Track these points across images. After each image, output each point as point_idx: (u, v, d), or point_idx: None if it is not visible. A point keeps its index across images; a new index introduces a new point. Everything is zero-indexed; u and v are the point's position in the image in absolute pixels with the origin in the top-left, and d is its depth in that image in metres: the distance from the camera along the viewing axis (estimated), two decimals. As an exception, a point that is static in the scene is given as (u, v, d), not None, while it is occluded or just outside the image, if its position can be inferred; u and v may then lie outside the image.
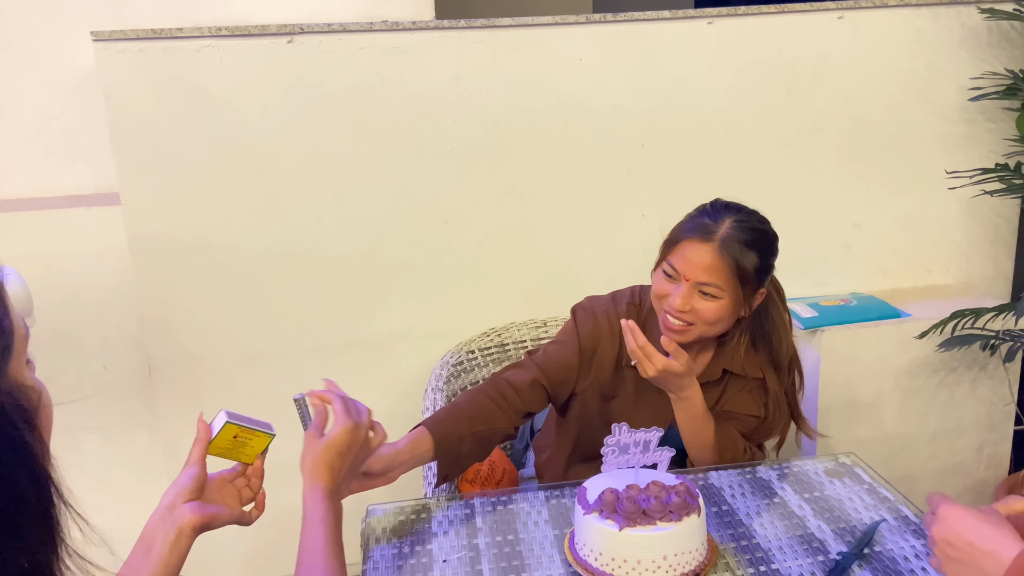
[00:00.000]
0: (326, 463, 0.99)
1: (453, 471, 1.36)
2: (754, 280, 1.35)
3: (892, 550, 1.14)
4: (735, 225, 1.34)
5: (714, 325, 1.35)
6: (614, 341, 1.45)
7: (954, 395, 2.11)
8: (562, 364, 1.45)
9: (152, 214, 1.88)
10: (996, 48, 2.12)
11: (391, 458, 1.24)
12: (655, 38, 1.98)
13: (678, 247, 1.36)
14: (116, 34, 1.78)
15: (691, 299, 1.33)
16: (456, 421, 1.35)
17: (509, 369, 1.47)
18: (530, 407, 1.43)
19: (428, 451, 1.30)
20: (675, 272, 1.35)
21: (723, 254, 1.31)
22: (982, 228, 2.24)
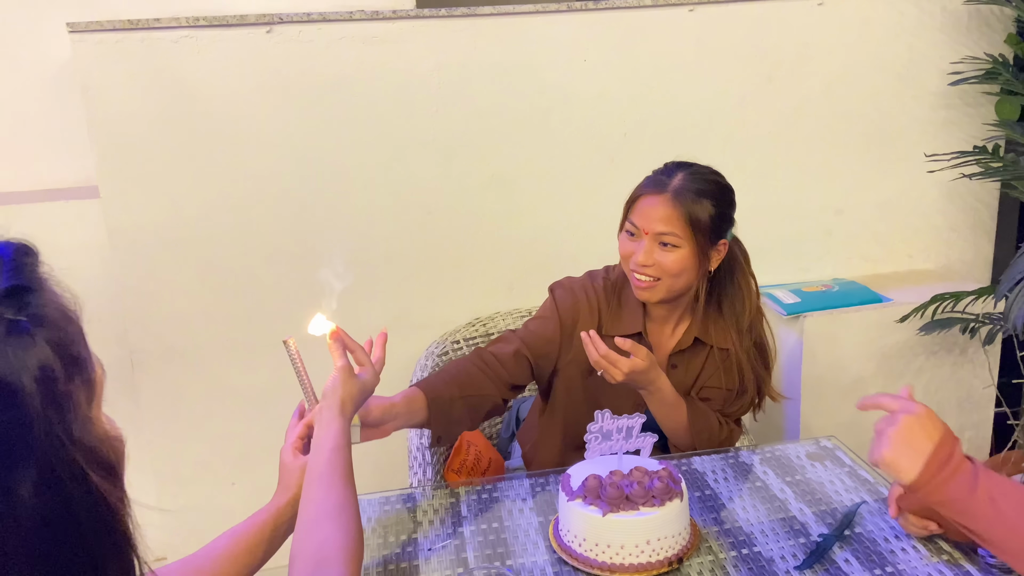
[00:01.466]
0: (356, 402, 1.08)
1: (446, 433, 1.38)
2: (711, 229, 1.38)
3: (872, 531, 1.15)
4: (687, 177, 1.39)
5: (678, 277, 1.37)
6: (592, 314, 1.47)
7: (935, 378, 2.13)
8: (544, 338, 1.47)
9: (132, 207, 1.87)
10: (976, 33, 2.13)
11: (386, 410, 1.25)
12: (637, 26, 1.98)
13: (635, 204, 1.41)
14: (93, 25, 1.76)
15: (653, 252, 1.36)
16: (447, 384, 1.37)
17: (493, 344, 1.49)
18: (515, 378, 1.44)
19: (421, 409, 1.32)
20: (636, 228, 1.39)
21: (676, 203, 1.36)
22: (962, 213, 2.26)
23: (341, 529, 0.86)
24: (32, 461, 0.45)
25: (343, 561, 0.81)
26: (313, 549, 0.83)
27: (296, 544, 0.86)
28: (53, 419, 0.46)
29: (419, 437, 1.62)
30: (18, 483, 0.44)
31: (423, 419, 1.33)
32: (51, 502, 0.45)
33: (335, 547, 0.83)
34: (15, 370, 0.45)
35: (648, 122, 2.04)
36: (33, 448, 0.45)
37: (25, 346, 0.46)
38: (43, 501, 0.45)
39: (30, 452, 0.45)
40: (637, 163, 2.06)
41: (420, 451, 1.60)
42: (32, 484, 0.44)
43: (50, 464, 0.45)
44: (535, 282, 2.09)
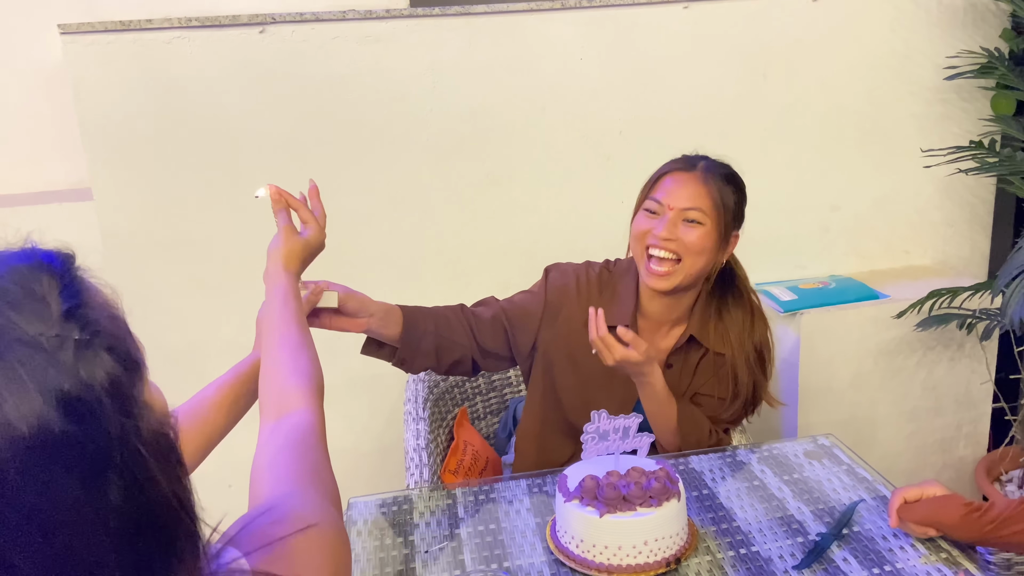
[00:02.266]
0: (300, 257, 1.12)
1: (409, 359, 1.41)
2: (731, 216, 1.40)
3: (871, 530, 1.15)
4: (713, 162, 1.43)
5: (699, 256, 1.36)
6: (580, 301, 1.47)
7: (933, 374, 2.13)
8: (525, 311, 1.47)
9: (125, 209, 1.86)
10: (971, 27, 2.12)
11: (363, 303, 1.32)
12: (631, 23, 1.97)
13: (660, 182, 1.41)
14: (84, 27, 1.75)
15: (676, 228, 1.36)
16: (424, 317, 1.42)
17: (476, 304, 1.51)
18: (486, 342, 1.45)
19: (396, 324, 1.37)
20: (659, 205, 1.38)
21: (706, 180, 1.38)
22: (958, 208, 2.26)
23: (298, 371, 0.90)
24: (114, 470, 0.46)
25: (303, 398, 0.86)
26: (276, 393, 0.88)
27: (261, 391, 0.91)
28: (125, 423, 0.48)
29: (415, 438, 1.61)
30: (107, 494, 0.46)
31: (395, 334, 1.37)
32: (134, 500, 0.47)
33: (295, 387, 0.87)
34: (90, 387, 0.46)
35: (643, 119, 2.03)
36: (112, 454, 0.46)
37: (92, 362, 0.47)
38: (128, 502, 0.47)
39: (111, 458, 0.46)
40: (633, 160, 2.06)
41: (417, 452, 1.60)
42: (119, 491, 0.46)
43: (128, 468, 0.47)
44: (531, 280, 2.08)
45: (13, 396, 0.44)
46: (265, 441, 0.81)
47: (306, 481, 0.73)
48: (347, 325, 1.31)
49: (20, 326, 0.46)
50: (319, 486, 0.73)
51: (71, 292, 0.49)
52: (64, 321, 0.47)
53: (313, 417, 0.84)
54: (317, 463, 0.77)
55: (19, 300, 0.47)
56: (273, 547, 0.59)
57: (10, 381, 0.44)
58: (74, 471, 0.45)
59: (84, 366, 0.47)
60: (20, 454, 0.43)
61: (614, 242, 2.09)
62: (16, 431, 0.43)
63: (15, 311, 0.46)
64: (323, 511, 0.68)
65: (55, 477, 0.44)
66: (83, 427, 0.45)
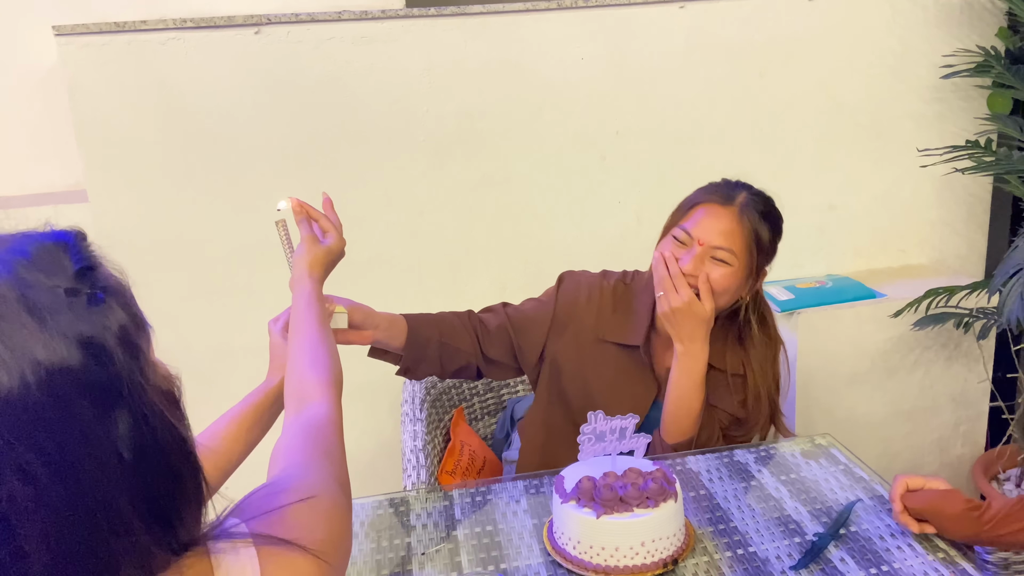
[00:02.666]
0: (323, 263, 1.17)
1: (413, 367, 1.40)
2: (764, 255, 1.36)
3: (868, 529, 1.15)
4: (752, 196, 1.36)
5: (721, 295, 1.33)
6: (590, 314, 1.44)
7: (930, 373, 2.13)
8: (532, 319, 1.45)
9: (120, 211, 1.86)
10: (967, 26, 2.12)
11: (368, 315, 1.32)
12: (627, 23, 1.97)
13: (692, 212, 1.36)
14: (79, 28, 1.74)
15: (702, 264, 1.31)
16: (429, 324, 1.40)
17: (484, 310, 1.49)
18: (490, 351, 1.43)
19: (401, 334, 1.36)
20: (688, 237, 1.33)
21: (743, 219, 1.32)
22: (955, 207, 2.26)
23: (316, 365, 0.96)
24: (124, 404, 0.55)
25: (321, 391, 0.91)
26: (296, 387, 0.93)
27: (286, 387, 0.96)
28: (133, 368, 0.57)
29: (413, 439, 1.61)
30: (117, 424, 0.54)
31: (399, 344, 1.37)
32: (142, 435, 0.56)
33: (313, 380, 0.93)
34: (102, 333, 0.55)
35: (639, 119, 2.03)
36: (123, 394, 0.55)
37: (104, 312, 0.56)
38: (136, 435, 0.55)
39: (121, 398, 0.55)
40: (629, 160, 2.07)
41: (414, 453, 1.59)
42: (127, 423, 0.55)
43: (136, 404, 0.56)
44: (528, 280, 2.09)
45: (41, 334, 0.53)
46: (286, 430, 0.86)
47: (314, 461, 0.78)
48: (353, 338, 1.31)
49: (41, 280, 0.55)
50: (327, 467, 0.77)
51: (81, 257, 0.59)
52: (77, 278, 0.57)
53: (330, 408, 0.89)
54: (328, 448, 0.81)
55: (39, 261, 0.57)
56: (272, 513, 0.65)
57: (39, 321, 0.53)
58: (88, 398, 0.53)
59: (96, 314, 0.56)
60: (43, 380, 0.52)
61: (610, 242, 2.10)
62: (42, 363, 0.52)
63: (37, 269, 0.56)
64: (325, 486, 0.72)
65: (72, 402, 0.53)
66: (98, 365, 0.54)
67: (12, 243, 0.59)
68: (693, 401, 1.37)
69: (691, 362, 1.34)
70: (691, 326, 1.32)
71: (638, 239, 2.11)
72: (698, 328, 1.32)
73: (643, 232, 2.10)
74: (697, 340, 1.33)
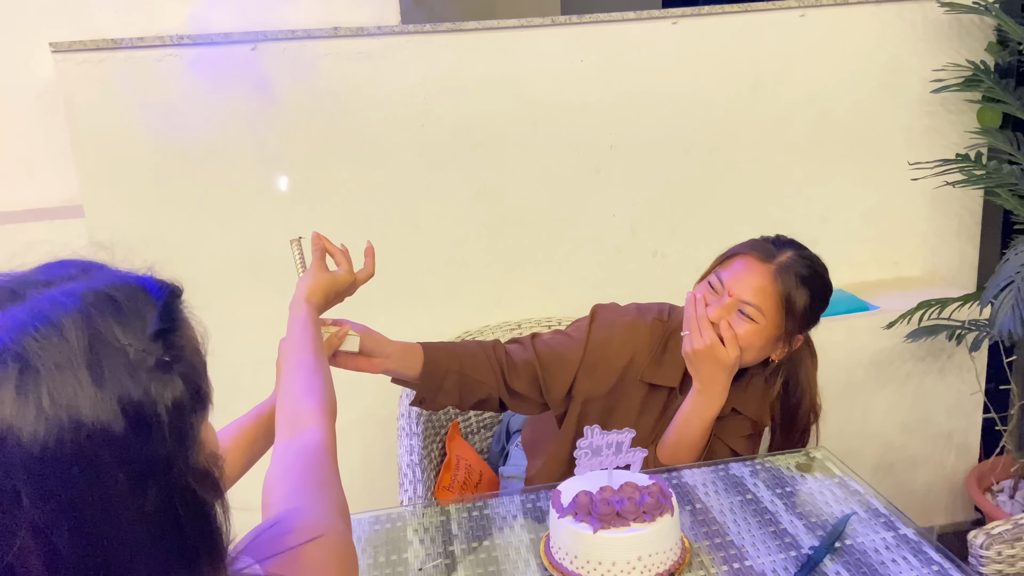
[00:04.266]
0: (324, 291, 1.16)
1: (430, 398, 1.37)
2: (798, 320, 1.33)
3: (863, 543, 1.16)
4: (797, 258, 1.34)
5: (745, 351, 1.31)
6: (624, 351, 1.41)
7: (923, 385, 2.14)
8: (562, 357, 1.41)
9: (116, 226, 1.86)
10: (956, 41, 2.15)
11: (379, 343, 1.29)
12: (621, 39, 1.99)
13: (731, 261, 1.35)
14: (76, 45, 1.75)
15: (729, 315, 1.30)
16: (449, 355, 1.37)
17: (511, 342, 1.45)
18: (515, 385, 1.40)
19: (416, 364, 1.33)
20: (720, 285, 1.33)
21: (777, 280, 1.30)
22: (947, 219, 2.28)
23: (310, 392, 0.95)
24: (157, 483, 0.52)
25: (315, 417, 0.90)
26: (290, 412, 0.93)
27: (277, 411, 0.96)
28: (177, 447, 0.54)
29: (409, 454, 1.61)
30: (144, 500, 0.52)
31: (415, 374, 1.34)
32: (165, 514, 0.53)
33: (307, 407, 0.92)
34: (155, 403, 0.52)
35: (634, 133, 2.05)
36: (158, 472, 0.52)
37: (165, 383, 0.53)
38: (160, 513, 0.53)
39: (156, 474, 0.52)
40: (623, 174, 2.08)
41: (411, 468, 1.60)
42: (153, 502, 0.52)
43: (170, 484, 0.53)
44: (524, 294, 2.10)
45: (92, 390, 0.50)
46: (278, 457, 0.85)
47: (315, 494, 0.77)
48: (363, 366, 1.29)
49: (116, 333, 0.52)
50: (327, 499, 0.77)
51: (166, 318, 0.56)
52: (152, 340, 0.54)
53: (324, 435, 0.88)
54: (326, 478, 0.80)
55: (122, 311, 0.54)
56: (285, 554, 0.64)
57: (95, 377, 0.50)
58: (123, 470, 0.51)
59: (156, 384, 0.53)
60: (80, 441, 0.49)
61: (605, 255, 2.11)
62: (84, 424, 0.49)
63: (116, 320, 0.53)
64: (330, 522, 0.72)
65: (105, 468, 0.50)
66: (139, 437, 0.51)
67: (102, 278, 0.55)
68: (697, 439, 1.38)
69: (705, 405, 1.34)
70: (711, 370, 1.31)
71: (633, 251, 2.13)
72: (718, 373, 1.31)
73: (638, 245, 2.12)
74: (716, 385, 1.31)
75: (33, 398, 0.48)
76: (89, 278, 0.55)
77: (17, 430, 0.48)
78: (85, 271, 0.56)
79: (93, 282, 0.54)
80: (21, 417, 0.48)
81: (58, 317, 0.51)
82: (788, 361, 1.42)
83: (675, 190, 2.11)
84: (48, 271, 0.55)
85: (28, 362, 0.49)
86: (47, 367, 0.49)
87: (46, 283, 0.53)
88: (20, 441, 0.48)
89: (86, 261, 0.57)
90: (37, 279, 0.54)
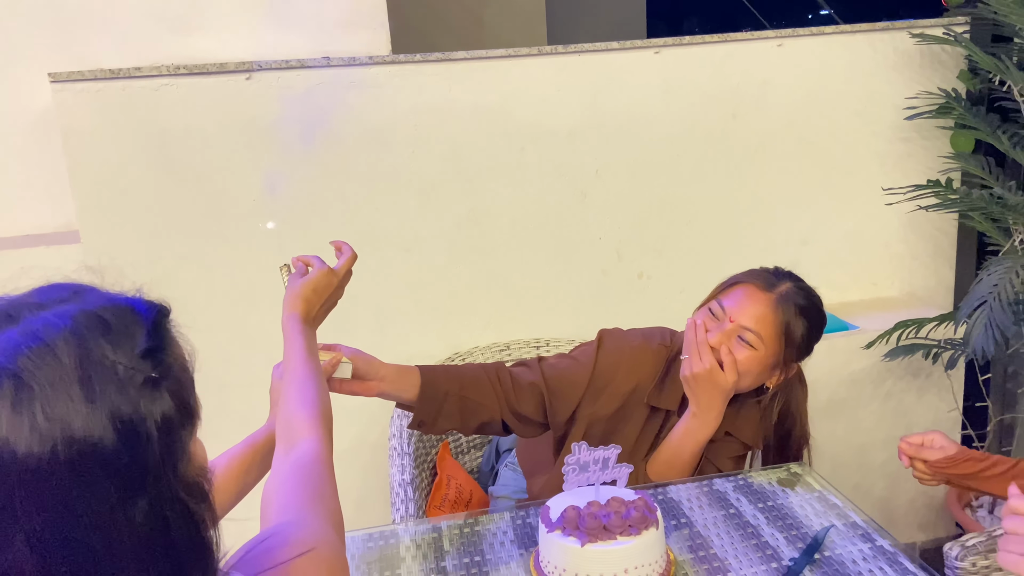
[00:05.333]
0: (303, 296, 1.16)
1: (429, 421, 1.37)
2: (795, 348, 1.38)
3: (841, 554, 1.20)
4: (796, 289, 1.39)
5: (742, 377, 1.35)
6: (631, 377, 1.44)
7: (902, 403, 2.19)
8: (568, 381, 1.43)
9: (112, 252, 1.89)
10: (928, 69, 2.23)
11: (371, 365, 1.30)
12: (605, 68, 2.05)
13: (732, 289, 1.40)
14: (74, 75, 1.79)
15: (729, 341, 1.34)
16: (448, 378, 1.37)
17: (516, 364, 1.47)
18: (521, 407, 1.41)
19: (413, 387, 1.33)
20: (722, 312, 1.37)
21: (777, 309, 1.35)
22: (923, 242, 2.34)
23: (304, 402, 0.96)
24: (147, 494, 0.54)
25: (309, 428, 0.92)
26: (285, 425, 0.94)
27: (276, 424, 0.98)
28: (166, 460, 0.56)
29: (401, 473, 1.64)
30: (134, 510, 0.54)
31: (411, 397, 1.34)
32: (155, 525, 0.55)
33: (302, 418, 0.94)
34: (145, 419, 0.55)
35: (618, 159, 2.11)
36: (147, 484, 0.54)
37: (154, 399, 0.56)
38: (149, 524, 0.54)
39: (145, 487, 0.54)
40: (608, 198, 2.14)
41: (402, 487, 1.63)
42: (143, 512, 0.54)
43: (159, 496, 0.55)
44: (512, 316, 2.14)
45: (84, 407, 0.52)
46: (275, 470, 0.87)
47: (308, 507, 0.78)
48: (357, 389, 1.29)
49: (106, 352, 0.55)
50: (321, 511, 0.78)
51: (154, 337, 0.58)
52: (141, 358, 0.56)
53: (319, 446, 0.89)
54: (321, 489, 0.82)
55: (112, 331, 0.56)
56: (276, 569, 0.65)
57: (87, 394, 0.53)
58: (113, 482, 0.53)
59: (146, 400, 0.55)
60: (73, 456, 0.51)
61: (591, 276, 2.16)
62: (76, 439, 0.52)
63: (106, 339, 0.55)
64: (323, 535, 0.73)
65: (96, 482, 0.52)
66: (129, 451, 0.54)
67: (92, 300, 0.58)
68: (688, 460, 1.42)
69: (700, 427, 1.38)
70: (709, 394, 1.35)
71: (618, 273, 2.18)
72: (716, 397, 1.35)
73: (623, 267, 2.17)
74: (713, 410, 1.36)
75: (28, 415, 0.51)
76: (80, 300, 0.57)
77: (13, 445, 0.50)
78: (77, 293, 0.58)
79: (84, 304, 0.57)
80: (16, 432, 0.50)
81: (51, 337, 0.53)
82: (783, 389, 1.46)
83: (659, 214, 2.16)
84: (41, 294, 0.58)
85: (23, 380, 0.51)
86: (41, 385, 0.52)
87: (39, 305, 0.56)
88: (15, 455, 0.50)
89: (78, 284, 0.60)
90: (31, 301, 0.57)
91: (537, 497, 1.57)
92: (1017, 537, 0.88)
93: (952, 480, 1.33)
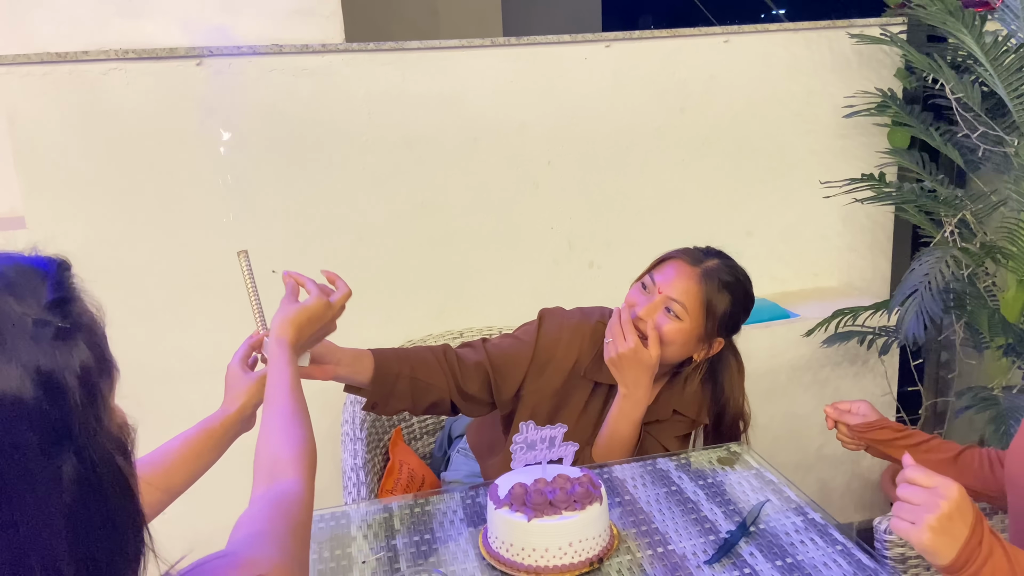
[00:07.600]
0: (295, 323, 1.14)
1: (382, 402, 1.41)
2: (718, 322, 1.44)
3: (775, 527, 1.26)
4: (722, 266, 1.47)
5: (666, 346, 1.42)
6: (570, 355, 1.50)
7: (840, 388, 2.28)
8: (512, 359, 1.49)
9: (59, 238, 1.87)
10: (866, 69, 2.32)
11: (330, 349, 1.32)
12: (558, 60, 2.09)
13: (663, 264, 1.47)
14: (20, 58, 1.76)
15: (655, 312, 1.42)
16: (399, 360, 1.41)
17: (462, 346, 1.52)
18: (468, 386, 1.46)
19: (367, 370, 1.37)
20: (652, 284, 1.44)
21: (702, 282, 1.43)
22: (860, 234, 2.44)
23: (289, 441, 0.96)
24: (72, 446, 0.54)
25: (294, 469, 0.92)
26: (268, 462, 0.94)
27: (256, 458, 0.96)
28: (88, 410, 0.56)
29: (353, 457, 1.66)
30: (63, 463, 0.54)
31: (365, 379, 1.38)
32: (86, 478, 0.55)
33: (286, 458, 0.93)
34: (62, 369, 0.55)
35: (570, 150, 2.15)
36: (72, 435, 0.54)
37: (70, 348, 0.56)
38: (81, 477, 0.54)
39: (70, 438, 0.54)
40: (560, 189, 2.18)
41: (355, 471, 1.65)
42: (73, 464, 0.54)
43: (85, 447, 0.55)
44: (465, 305, 2.17)
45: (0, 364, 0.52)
46: (252, 505, 0.85)
47: (277, 535, 0.78)
48: (315, 373, 1.31)
49: (12, 306, 0.55)
50: (290, 544, 0.77)
51: (59, 288, 0.58)
52: (48, 309, 0.56)
53: (300, 488, 0.89)
54: (295, 527, 0.81)
55: (14, 285, 0.56)
56: None
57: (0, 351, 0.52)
58: (36, 436, 0.52)
59: (60, 350, 0.55)
60: None
61: (543, 266, 2.20)
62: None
63: (9, 293, 0.55)
64: (281, 564, 0.72)
65: (20, 438, 0.52)
66: (51, 402, 0.53)
67: None
68: (628, 439, 1.47)
69: (631, 407, 1.44)
70: (635, 372, 1.41)
71: (570, 263, 2.22)
72: (642, 375, 1.41)
73: (575, 256, 2.22)
74: (641, 387, 1.42)
75: None
76: None
77: None
78: None
79: None
80: None
81: None
82: (712, 362, 1.52)
83: (609, 204, 2.21)
84: None
85: None
86: None
87: None
88: None
89: None
90: None
91: (491, 478, 1.61)
92: (909, 505, 0.95)
93: (871, 446, 1.40)
